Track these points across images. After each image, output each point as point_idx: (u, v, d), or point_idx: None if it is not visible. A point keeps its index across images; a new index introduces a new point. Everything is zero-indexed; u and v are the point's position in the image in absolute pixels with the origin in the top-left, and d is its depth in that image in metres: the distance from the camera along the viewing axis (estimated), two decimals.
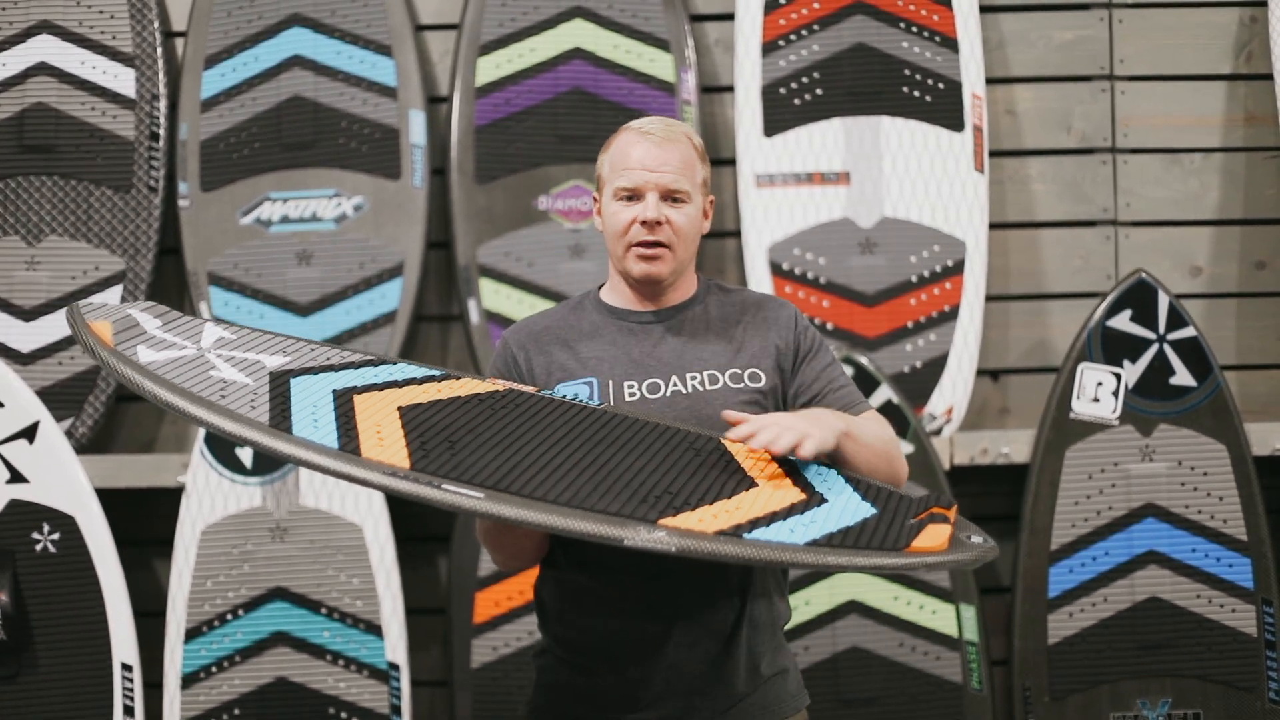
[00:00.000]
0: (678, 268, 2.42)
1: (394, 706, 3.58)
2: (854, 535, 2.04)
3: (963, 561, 2.05)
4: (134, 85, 3.84)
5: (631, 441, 2.21)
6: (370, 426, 2.09)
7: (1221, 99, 3.99)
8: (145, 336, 2.21)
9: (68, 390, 3.75)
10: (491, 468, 2.04)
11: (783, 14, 3.86)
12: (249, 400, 2.09)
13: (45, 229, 3.80)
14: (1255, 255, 3.99)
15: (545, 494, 2.00)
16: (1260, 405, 3.94)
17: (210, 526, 3.60)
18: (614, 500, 2.02)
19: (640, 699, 2.33)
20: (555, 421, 2.21)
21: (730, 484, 2.14)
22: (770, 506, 2.09)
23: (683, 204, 2.39)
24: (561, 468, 2.08)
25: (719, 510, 2.05)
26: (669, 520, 1.99)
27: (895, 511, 2.15)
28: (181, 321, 2.31)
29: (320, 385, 2.19)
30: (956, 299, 3.79)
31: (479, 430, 2.14)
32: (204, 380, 2.11)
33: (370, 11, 3.87)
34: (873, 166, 3.83)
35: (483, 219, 3.84)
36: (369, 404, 2.16)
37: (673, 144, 2.39)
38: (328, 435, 2.04)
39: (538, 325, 2.46)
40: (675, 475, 2.12)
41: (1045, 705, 3.63)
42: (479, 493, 1.97)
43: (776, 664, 2.40)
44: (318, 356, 2.30)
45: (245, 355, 2.24)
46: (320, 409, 2.12)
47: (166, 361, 2.14)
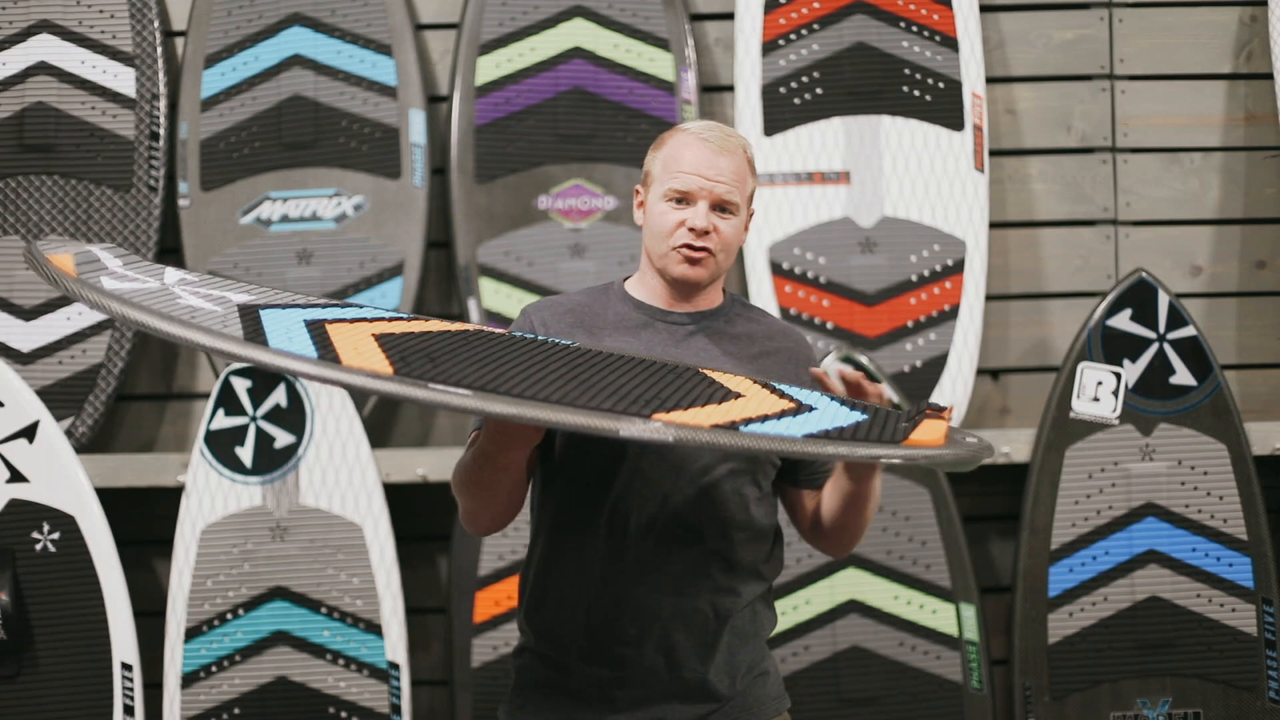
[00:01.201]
0: (715, 274, 2.40)
1: (394, 706, 3.58)
2: (850, 432, 2.01)
3: (961, 456, 2.01)
4: (134, 85, 3.84)
5: (612, 364, 2.16)
6: (348, 345, 2.03)
7: (1221, 98, 3.99)
8: (108, 271, 2.14)
9: (68, 390, 3.75)
10: (476, 375, 1.98)
11: (783, 13, 3.86)
12: (219, 323, 2.00)
13: (45, 228, 3.80)
14: (1255, 255, 3.99)
15: (534, 395, 1.93)
16: (1260, 405, 3.94)
17: (210, 526, 3.60)
18: (605, 402, 1.96)
19: (618, 699, 2.32)
20: (533, 351, 2.17)
21: (717, 395, 2.10)
22: (762, 410, 2.05)
23: (731, 215, 2.37)
24: (547, 379, 2.02)
25: (710, 411, 2.00)
26: (663, 416, 1.94)
27: (888, 417, 2.12)
28: (142, 263, 2.26)
29: (291, 316, 2.13)
30: (956, 298, 3.79)
31: (458, 353, 2.08)
32: (172, 307, 2.03)
33: (370, 11, 3.87)
34: (873, 166, 3.83)
35: (483, 218, 3.84)
36: (343, 331, 2.10)
37: (729, 155, 2.37)
38: (304, 348, 1.97)
39: (562, 305, 2.43)
40: (661, 388, 2.08)
41: (1045, 705, 3.63)
42: (465, 392, 1.90)
43: (757, 667, 2.39)
44: (283, 298, 2.25)
45: (210, 291, 2.18)
46: (295, 333, 2.04)
47: (131, 291, 2.05)
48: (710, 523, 2.30)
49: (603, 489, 2.30)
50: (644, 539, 2.29)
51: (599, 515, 2.30)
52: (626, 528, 2.29)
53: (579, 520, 2.31)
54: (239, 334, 1.97)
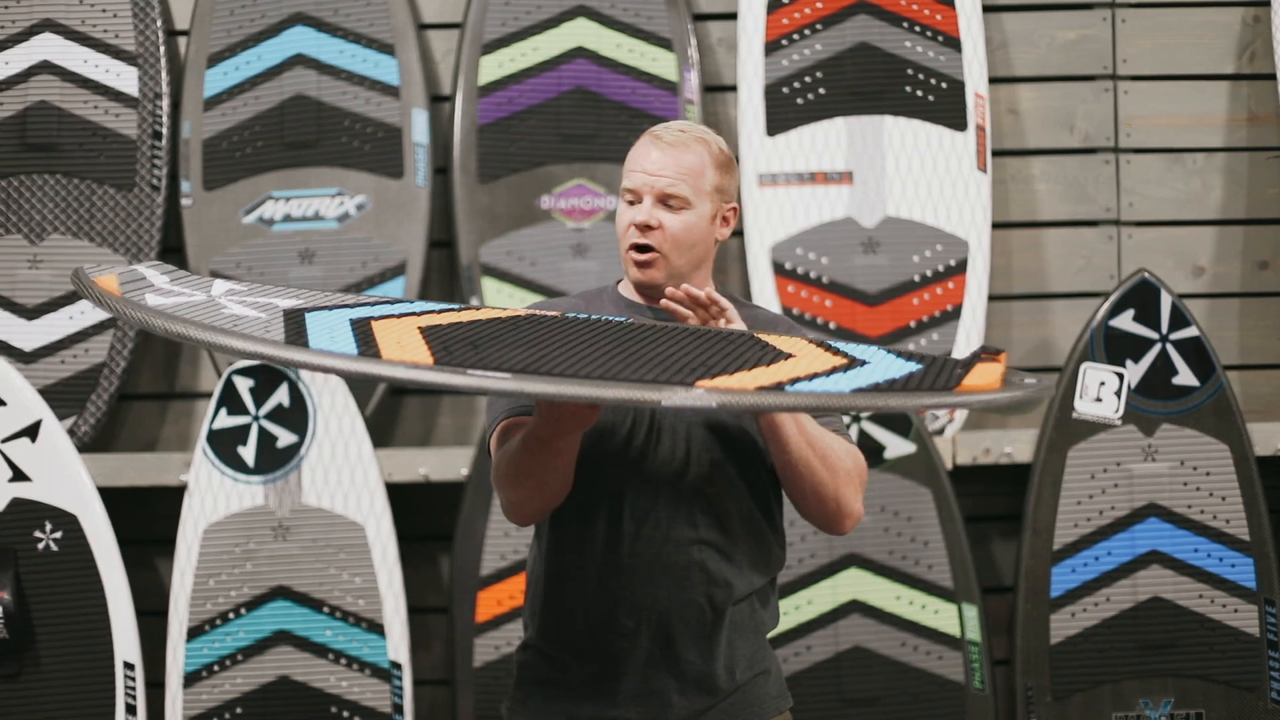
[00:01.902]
0: (674, 274, 2.37)
1: (396, 705, 3.58)
2: (901, 383, 1.94)
3: (1018, 399, 1.94)
4: (137, 84, 3.84)
5: (664, 335, 2.12)
6: (390, 340, 2.01)
7: (1224, 99, 3.98)
8: (154, 288, 2.14)
9: (70, 389, 3.75)
10: (518, 358, 1.95)
11: (785, 13, 3.86)
12: (263, 329, 2.00)
13: (48, 227, 3.80)
14: (1258, 255, 3.99)
15: (575, 373, 1.91)
16: (1263, 405, 3.94)
17: (212, 525, 3.60)
18: (648, 374, 1.93)
19: (618, 694, 2.32)
20: (581, 330, 2.14)
21: (766, 356, 2.05)
22: (812, 368, 2.00)
23: (680, 210, 2.35)
24: (590, 354, 1.99)
25: (758, 374, 1.96)
26: (706, 384, 1.89)
27: (942, 366, 2.05)
28: (190, 277, 2.25)
29: (337, 317, 2.12)
30: (959, 298, 3.79)
31: (503, 337, 2.06)
32: (215, 317, 2.04)
33: (373, 10, 3.87)
34: (875, 166, 3.83)
35: (485, 218, 3.84)
36: (388, 326, 2.09)
37: (678, 148, 2.36)
38: (346, 345, 1.97)
39: (557, 306, 2.43)
40: (710, 354, 2.03)
41: (1047, 705, 3.63)
42: (505, 374, 1.88)
43: (757, 665, 2.39)
44: (333, 299, 2.24)
45: (257, 299, 2.17)
46: (338, 332, 2.03)
47: (174, 305, 2.06)
48: (706, 516, 2.31)
49: (601, 483, 2.30)
50: (640, 533, 2.29)
51: (598, 510, 2.31)
52: (622, 522, 2.29)
53: (578, 515, 2.31)
54: (280, 337, 1.97)
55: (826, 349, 2.14)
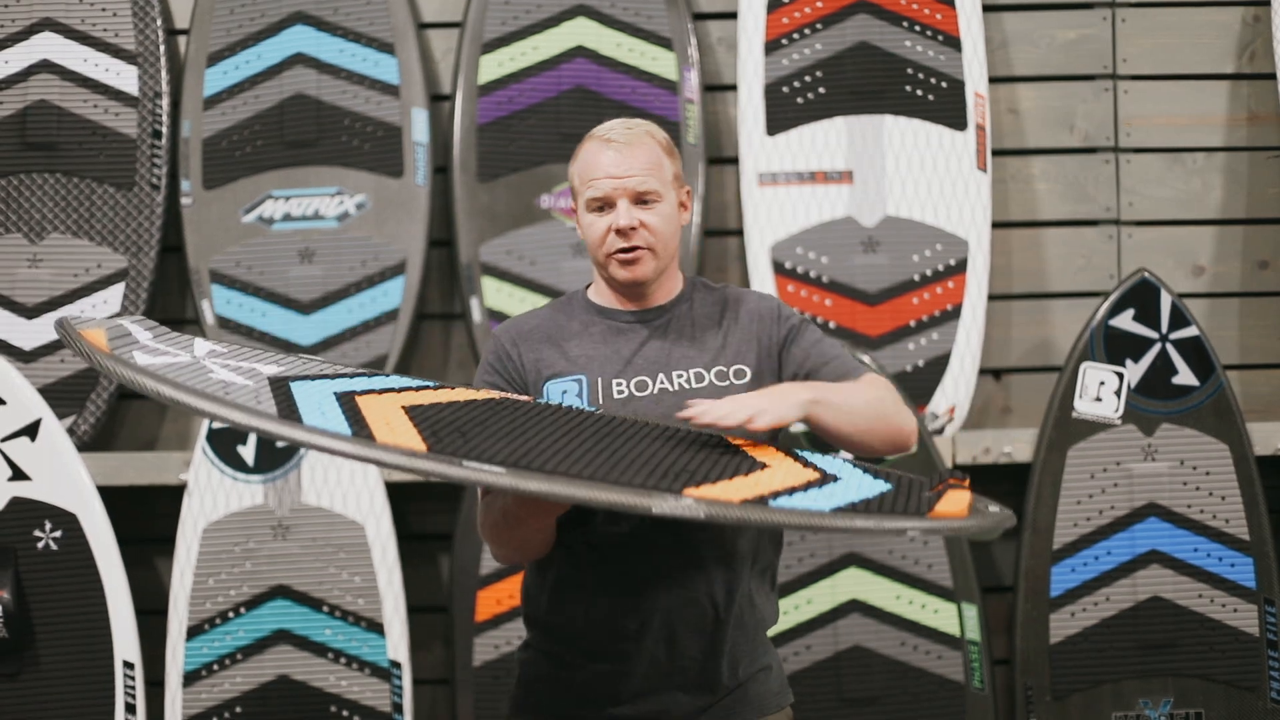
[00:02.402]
0: (660, 266, 2.41)
1: (396, 705, 3.58)
2: (876, 504, 2.05)
3: (984, 527, 2.06)
4: (136, 83, 3.84)
5: (637, 435, 2.20)
6: (379, 419, 2.08)
7: (1224, 98, 3.99)
8: (139, 345, 2.21)
9: (70, 388, 3.75)
10: (507, 451, 2.02)
11: (785, 13, 3.86)
12: (253, 398, 2.07)
13: (48, 226, 3.80)
14: (1258, 255, 3.99)
15: (567, 470, 1.98)
16: (1263, 405, 3.94)
17: (212, 524, 3.60)
18: (635, 476, 2.00)
19: (621, 693, 2.33)
20: (558, 420, 2.21)
21: (744, 466, 2.13)
22: (788, 482, 2.08)
23: (655, 204, 2.38)
24: (576, 452, 2.06)
25: (739, 485, 2.04)
26: (694, 491, 1.98)
27: (910, 487, 2.15)
28: (171, 335, 2.31)
29: (321, 389, 2.19)
30: (959, 298, 3.79)
31: (487, 424, 2.13)
32: (205, 381, 2.11)
33: (373, 9, 3.87)
34: (875, 165, 3.83)
35: (485, 217, 3.84)
36: (373, 403, 2.16)
37: (635, 146, 2.38)
38: (338, 426, 2.02)
39: (527, 324, 2.46)
40: (689, 459, 2.11)
41: (1047, 705, 3.63)
42: (499, 468, 1.94)
43: (759, 661, 2.40)
44: (311, 368, 2.30)
45: (240, 364, 2.23)
46: (326, 407, 2.10)
47: (163, 365, 2.13)
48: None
49: None
50: (639, 533, 2.30)
51: (596, 513, 2.31)
52: (620, 522, 2.30)
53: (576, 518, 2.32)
54: (273, 410, 2.03)
55: (797, 459, 2.22)
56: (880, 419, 2.33)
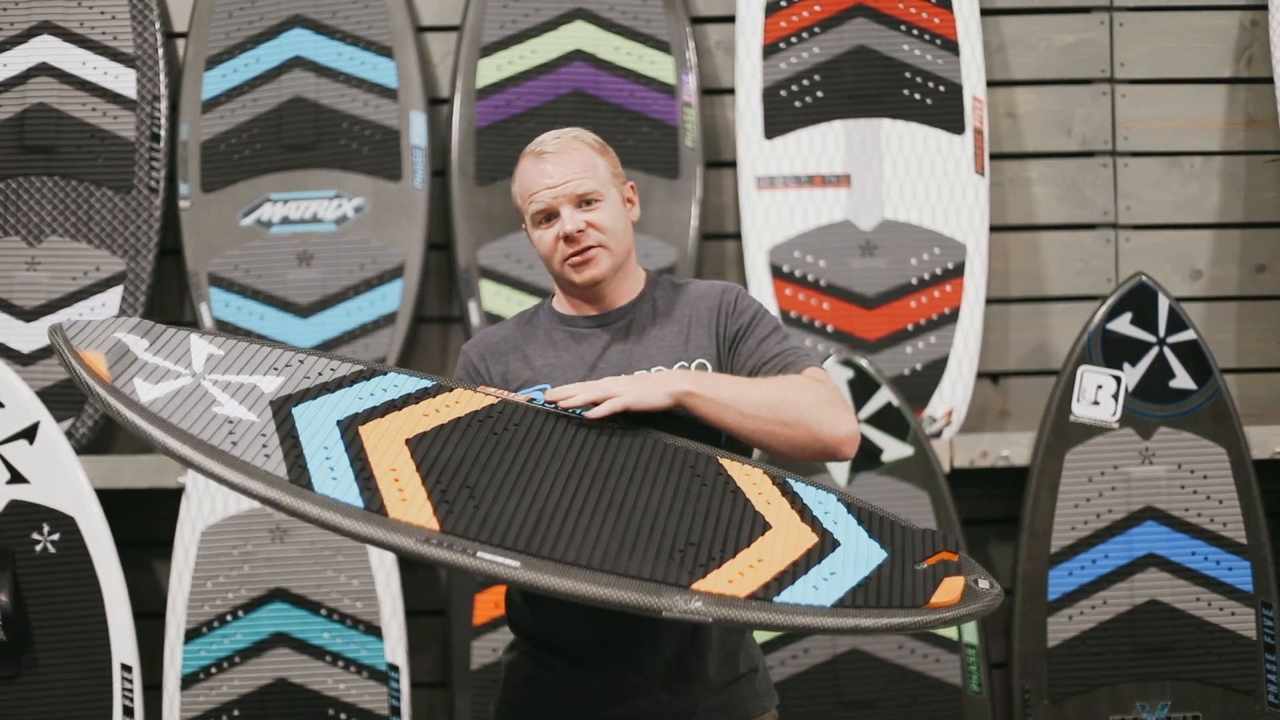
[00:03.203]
0: (616, 263, 2.43)
1: (393, 708, 3.58)
2: (874, 589, 2.09)
3: (976, 612, 2.11)
4: (135, 86, 3.84)
5: (639, 466, 2.24)
6: (386, 471, 2.12)
7: (1222, 102, 3.99)
8: (138, 365, 2.21)
9: (68, 391, 3.75)
10: (518, 521, 2.08)
11: (783, 16, 3.87)
12: (260, 445, 2.10)
13: (46, 229, 3.80)
14: (1255, 259, 3.99)
15: (578, 554, 2.04)
16: (1260, 409, 3.94)
17: (210, 527, 3.60)
18: (644, 556, 2.07)
19: (607, 696, 2.34)
20: (560, 442, 2.25)
21: (745, 525, 2.18)
22: (790, 555, 2.13)
23: (598, 203, 2.41)
24: (584, 511, 2.12)
25: (743, 565, 2.09)
26: (701, 584, 2.03)
27: (904, 552, 2.19)
28: (167, 339, 2.31)
29: (323, 414, 2.21)
30: (957, 301, 3.79)
31: (492, 467, 2.17)
32: (209, 420, 2.13)
33: (371, 13, 3.87)
34: (873, 169, 3.83)
35: (483, 220, 3.85)
36: (377, 438, 2.18)
37: (566, 153, 2.42)
38: (348, 488, 2.07)
39: (493, 337, 2.49)
40: (692, 518, 2.16)
41: (1044, 708, 3.63)
42: (514, 560, 2.01)
43: (744, 665, 2.41)
44: (310, 371, 2.31)
45: (239, 379, 2.24)
46: (332, 449, 2.14)
47: (167, 397, 2.15)
48: None
49: None
50: None
51: None
52: None
53: None
54: (282, 467, 2.08)
55: (794, 505, 2.25)
56: (782, 422, 2.27)
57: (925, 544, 2.21)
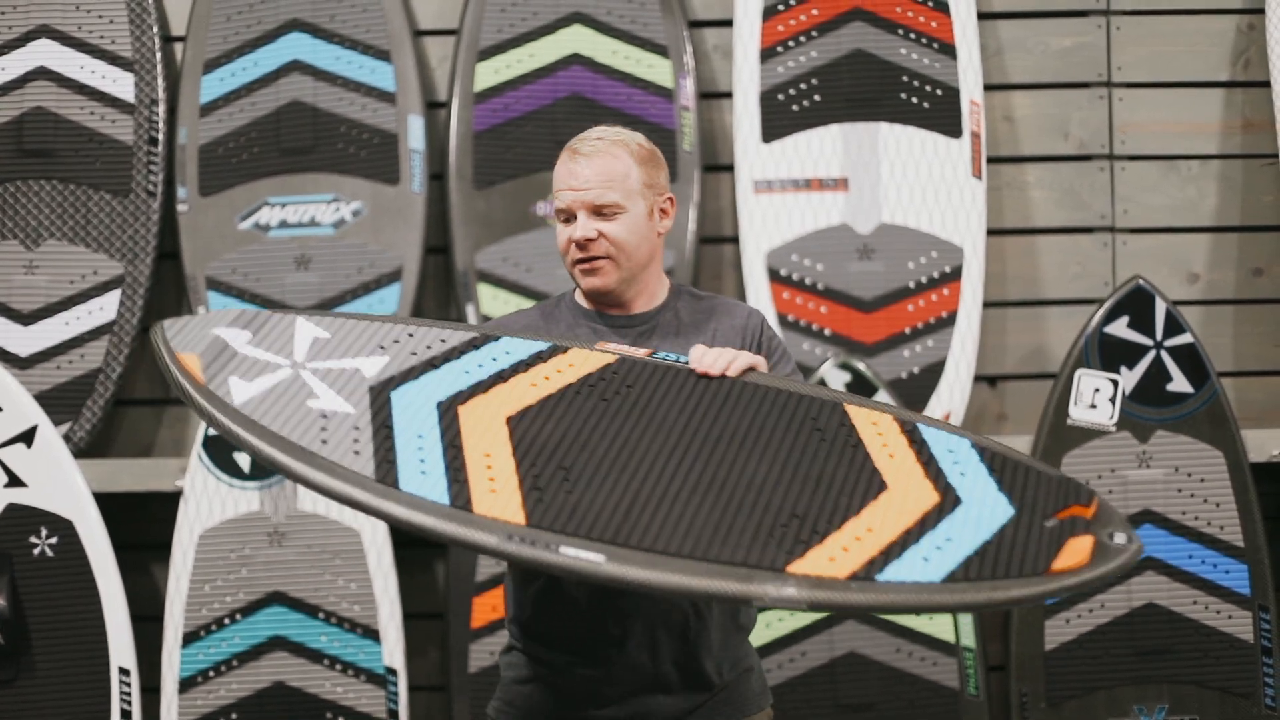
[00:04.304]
0: (626, 276, 2.42)
1: (391, 711, 3.58)
2: (991, 557, 1.89)
3: (1107, 574, 1.89)
4: (133, 90, 3.84)
5: (754, 428, 2.11)
6: (479, 458, 2.02)
7: (1219, 106, 3.99)
8: (235, 362, 2.12)
9: (66, 394, 3.75)
10: (609, 506, 1.97)
11: (781, 20, 3.87)
12: (351, 441, 2.01)
13: (44, 233, 3.80)
14: (1252, 262, 4.00)
15: (668, 541, 1.92)
16: (1257, 412, 3.95)
17: (208, 531, 3.60)
18: (739, 538, 1.93)
19: (604, 696, 2.34)
20: (672, 407, 2.15)
21: (860, 487, 2.03)
22: (903, 521, 1.96)
23: (616, 215, 2.38)
24: (681, 492, 2.01)
25: (849, 538, 1.93)
26: (798, 564, 1.89)
27: (1034, 506, 2.00)
28: (271, 326, 2.21)
29: (423, 396, 2.11)
30: (954, 305, 3.80)
31: (594, 444, 2.07)
32: (302, 417, 2.04)
33: (369, 17, 3.87)
34: (871, 172, 3.83)
35: (481, 224, 3.85)
36: (475, 419, 2.09)
37: (597, 157, 2.39)
38: (436, 482, 1.97)
39: (515, 324, 2.47)
40: (802, 482, 2.03)
41: (1042, 711, 3.63)
42: (599, 555, 1.90)
43: (740, 664, 2.41)
44: (418, 346, 2.21)
45: (341, 364, 2.15)
46: (426, 437, 2.04)
47: (261, 395, 2.07)
48: None
49: None
50: None
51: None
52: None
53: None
54: (370, 465, 1.98)
55: (919, 456, 2.09)
56: None
57: (1059, 494, 2.01)
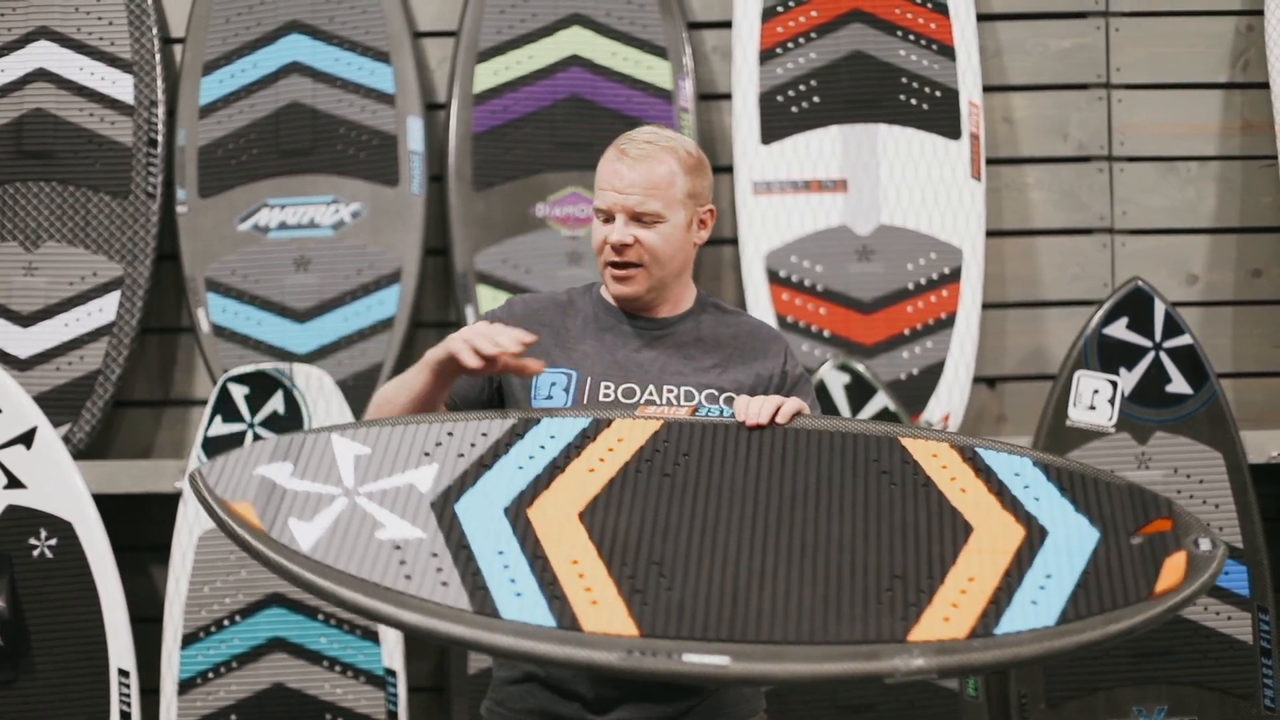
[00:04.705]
0: (656, 285, 2.41)
1: (391, 713, 3.58)
2: (1094, 589, 1.93)
3: (1204, 586, 1.93)
4: (132, 91, 3.84)
5: (821, 480, 2.12)
6: (567, 567, 2.00)
7: (1218, 107, 3.99)
8: (288, 500, 2.07)
9: (65, 396, 3.75)
10: (714, 599, 1.97)
11: (780, 22, 3.87)
12: (435, 570, 1.99)
13: (43, 234, 3.80)
14: (1251, 263, 4.00)
15: (784, 629, 1.93)
16: (1256, 413, 3.95)
17: (208, 532, 3.59)
18: (851, 611, 1.94)
19: (597, 697, 2.34)
20: (734, 470, 2.14)
21: (946, 533, 2.04)
22: (999, 564, 1.98)
23: (655, 224, 2.37)
24: (778, 568, 2.00)
25: (954, 592, 1.95)
26: (916, 631, 1.90)
27: (1115, 525, 2.03)
28: (309, 452, 2.14)
29: (487, 505, 2.09)
30: (953, 306, 3.80)
31: (672, 529, 2.06)
32: (376, 551, 2.00)
33: (368, 18, 3.87)
34: (870, 174, 3.83)
35: (480, 226, 3.85)
36: (547, 521, 2.07)
37: (645, 162, 2.37)
38: (535, 603, 1.95)
39: (537, 304, 2.47)
40: (889, 536, 2.04)
41: (1041, 712, 3.63)
42: (723, 658, 1.90)
43: None
44: (461, 444, 2.17)
45: (393, 483, 2.11)
46: (507, 551, 2.02)
47: (326, 534, 2.02)
48: None
49: None
50: None
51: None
52: None
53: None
54: (464, 596, 1.97)
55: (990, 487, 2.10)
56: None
57: (1134, 508, 2.04)
